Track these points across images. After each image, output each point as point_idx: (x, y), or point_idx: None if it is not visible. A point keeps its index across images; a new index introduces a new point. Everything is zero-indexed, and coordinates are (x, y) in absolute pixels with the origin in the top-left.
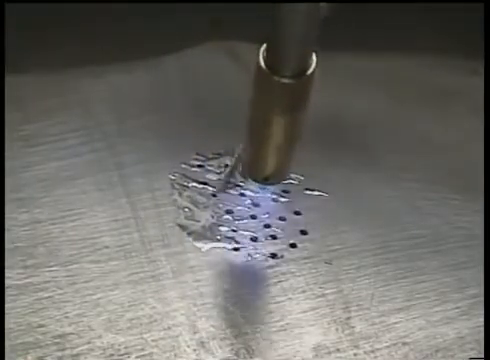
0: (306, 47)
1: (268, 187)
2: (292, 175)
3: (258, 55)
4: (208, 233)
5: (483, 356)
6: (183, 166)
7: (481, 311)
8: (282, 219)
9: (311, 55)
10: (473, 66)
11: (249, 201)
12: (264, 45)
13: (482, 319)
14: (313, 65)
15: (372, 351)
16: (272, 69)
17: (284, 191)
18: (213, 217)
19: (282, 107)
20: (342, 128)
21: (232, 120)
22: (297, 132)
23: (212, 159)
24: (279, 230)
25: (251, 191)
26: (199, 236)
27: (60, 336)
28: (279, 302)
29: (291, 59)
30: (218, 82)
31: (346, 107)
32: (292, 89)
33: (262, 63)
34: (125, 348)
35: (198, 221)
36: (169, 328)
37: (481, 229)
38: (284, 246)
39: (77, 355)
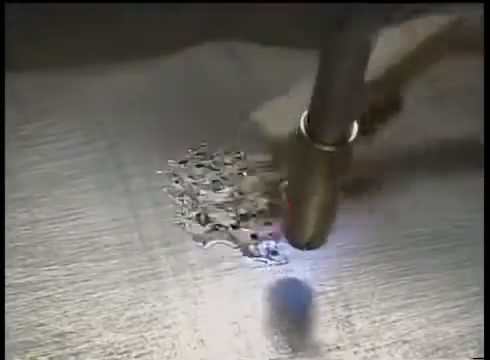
0: (348, 115)
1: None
2: None
3: (299, 122)
4: (208, 231)
5: (483, 355)
6: (183, 166)
7: (482, 309)
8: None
9: (353, 123)
10: (473, 66)
11: None
12: (305, 112)
13: (482, 317)
14: (354, 133)
15: (372, 349)
16: (313, 136)
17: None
18: (213, 215)
19: (322, 174)
20: None
21: (232, 120)
22: (337, 198)
23: (212, 158)
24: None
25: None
26: (199, 234)
27: (60, 335)
28: (279, 300)
29: (333, 127)
30: (218, 82)
31: None
32: (333, 157)
33: (303, 130)
34: (125, 346)
35: (198, 219)
36: (169, 326)
37: (481, 227)
38: (284, 243)
39: (77, 354)
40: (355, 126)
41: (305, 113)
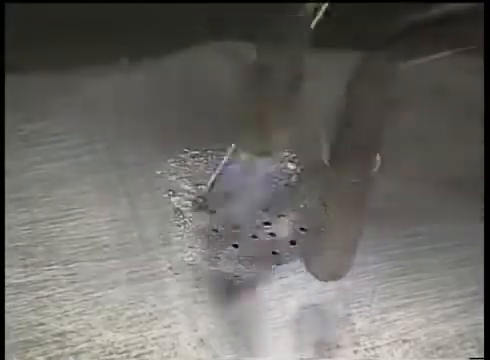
0: (370, 148)
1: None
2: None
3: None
4: (208, 231)
5: (483, 354)
6: (182, 166)
7: (481, 309)
8: (281, 216)
9: (375, 156)
10: (473, 66)
11: None
12: (328, 144)
13: (482, 317)
14: (377, 166)
15: (372, 348)
16: (336, 168)
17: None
18: (213, 215)
19: (345, 205)
20: None
21: (232, 120)
22: (359, 231)
23: (212, 158)
24: (279, 227)
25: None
26: (198, 234)
27: (60, 334)
28: (279, 299)
29: (355, 159)
30: (218, 82)
31: None
32: (356, 188)
33: (326, 161)
34: (125, 346)
35: (198, 219)
36: (169, 326)
37: (481, 227)
38: (284, 243)
39: (77, 353)
40: (378, 159)
41: (328, 145)
